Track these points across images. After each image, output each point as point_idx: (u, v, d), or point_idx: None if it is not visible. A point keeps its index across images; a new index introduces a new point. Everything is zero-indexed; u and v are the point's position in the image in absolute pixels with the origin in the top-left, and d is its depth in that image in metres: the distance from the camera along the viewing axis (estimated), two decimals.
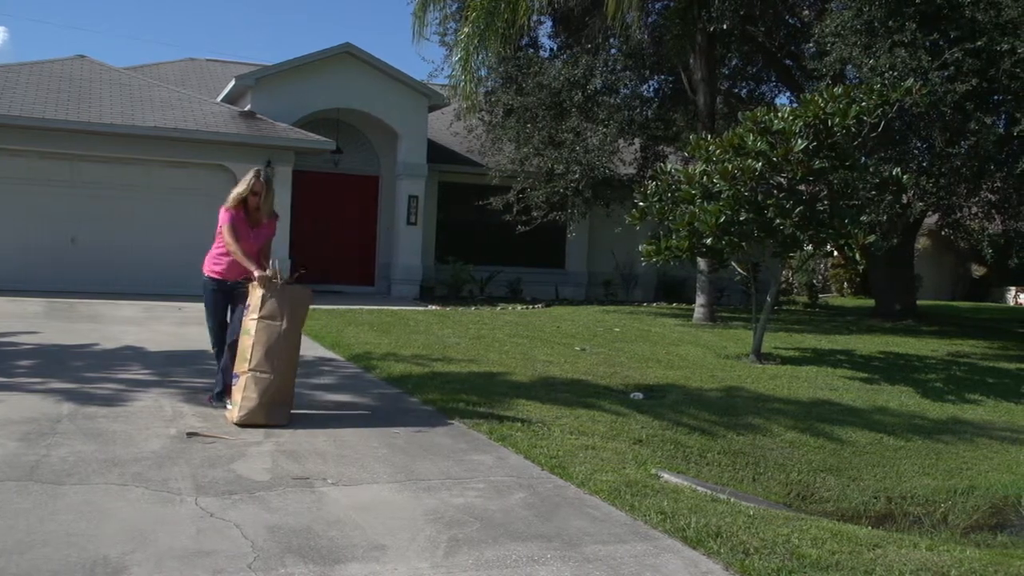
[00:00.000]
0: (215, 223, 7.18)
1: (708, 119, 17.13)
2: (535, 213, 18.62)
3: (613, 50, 18.69)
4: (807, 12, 18.17)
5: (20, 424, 6.35)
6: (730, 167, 11.41)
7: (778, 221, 11.37)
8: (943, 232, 21.58)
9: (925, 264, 28.72)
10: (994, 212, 18.24)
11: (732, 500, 5.91)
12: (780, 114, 11.71)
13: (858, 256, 11.43)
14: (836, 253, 13.15)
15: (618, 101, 18.49)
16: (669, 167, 13.26)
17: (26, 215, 16.33)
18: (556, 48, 20.45)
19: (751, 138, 11.50)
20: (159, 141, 16.77)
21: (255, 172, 7.23)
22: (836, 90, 11.56)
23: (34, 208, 16.38)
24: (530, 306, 18.93)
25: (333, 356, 10.58)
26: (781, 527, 5.15)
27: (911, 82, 12.01)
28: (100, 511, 4.67)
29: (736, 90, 21.31)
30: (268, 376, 6.70)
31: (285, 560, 4.15)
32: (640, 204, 12.84)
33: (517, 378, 9.77)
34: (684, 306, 20.24)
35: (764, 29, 19.12)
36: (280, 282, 6.90)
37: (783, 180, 11.59)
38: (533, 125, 18.33)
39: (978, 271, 31.65)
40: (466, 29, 15.45)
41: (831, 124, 11.38)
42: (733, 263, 13.37)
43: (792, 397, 10.47)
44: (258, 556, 4.17)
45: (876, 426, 9.65)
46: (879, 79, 12.95)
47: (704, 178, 11.88)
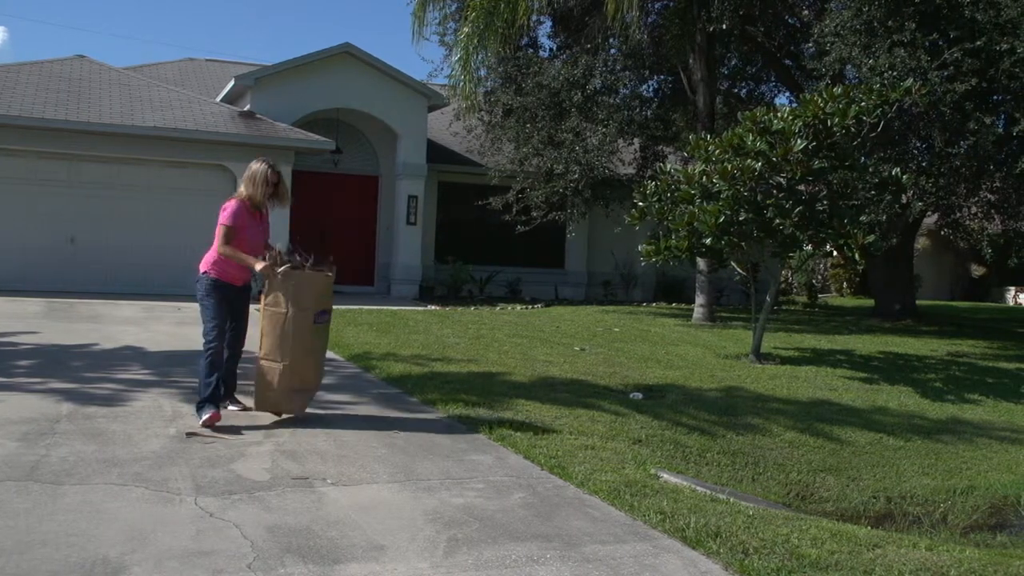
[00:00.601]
0: (215, 223, 6.89)
1: (707, 119, 17.13)
2: (534, 213, 18.62)
3: (612, 50, 18.69)
4: (806, 12, 18.17)
5: (19, 424, 6.35)
6: (729, 167, 11.41)
7: (777, 221, 11.37)
8: (942, 232, 21.60)
9: (924, 264, 28.74)
10: (993, 212, 18.26)
11: (731, 500, 5.91)
12: (779, 114, 11.71)
13: (857, 256, 11.43)
14: (835, 253, 13.12)
15: (617, 101, 18.49)
16: (668, 167, 13.26)
17: (25, 215, 16.33)
18: (556, 48, 20.46)
19: (750, 138, 11.50)
20: (158, 141, 16.77)
21: (263, 162, 6.94)
22: (835, 90, 11.56)
23: (33, 208, 16.37)
24: (529, 306, 18.94)
25: (332, 356, 10.55)
26: (780, 527, 5.15)
27: (910, 82, 12.02)
28: (99, 511, 4.67)
29: (736, 90, 21.32)
30: (279, 364, 6.67)
31: (284, 560, 4.15)
32: (639, 204, 12.83)
33: (516, 378, 9.77)
34: (683, 306, 20.24)
35: (763, 29, 19.13)
36: (284, 268, 6.66)
37: (782, 180, 11.59)
38: (533, 125, 18.33)
39: (977, 271, 31.66)
40: (465, 29, 15.47)
41: (830, 124, 11.38)
42: (732, 263, 13.37)
43: (791, 397, 10.47)
44: (258, 556, 4.17)
45: (875, 426, 9.65)
46: (878, 79, 12.96)
47: (703, 178, 11.88)
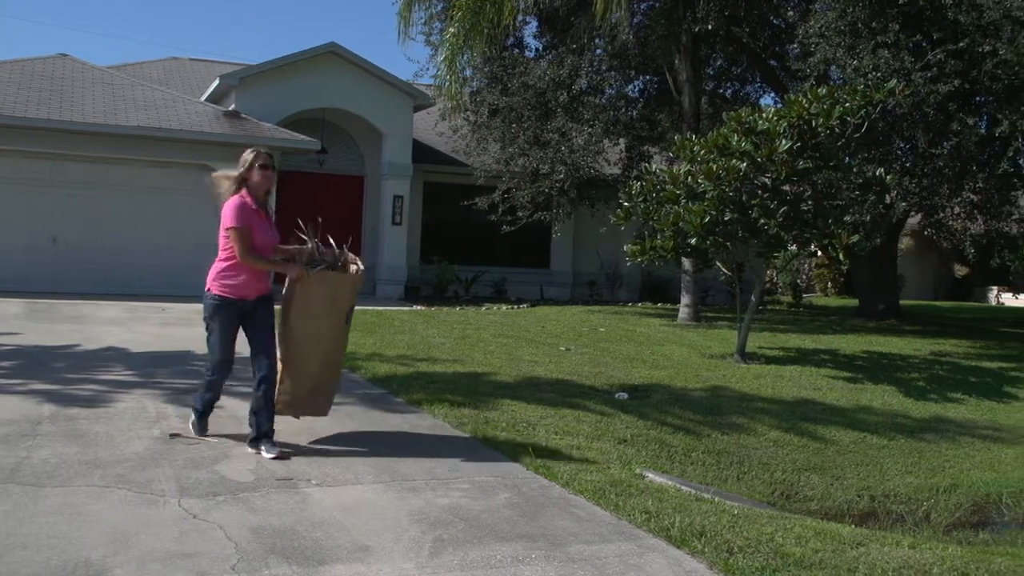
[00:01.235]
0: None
1: (693, 119, 17.17)
2: (520, 213, 18.62)
3: (598, 50, 18.72)
4: (791, 13, 18.24)
5: (0, 426, 6.31)
6: (715, 167, 11.44)
7: (762, 221, 11.40)
8: (926, 232, 21.71)
9: (908, 264, 28.90)
10: (976, 212, 18.36)
11: (716, 499, 5.92)
12: (764, 115, 11.76)
13: (842, 256, 11.48)
14: (820, 253, 13.17)
15: (603, 101, 18.52)
16: (654, 167, 13.28)
17: (7, 215, 16.20)
18: (541, 48, 20.48)
19: (736, 138, 11.53)
20: (142, 141, 16.68)
21: (254, 150, 6.09)
22: (820, 91, 11.61)
23: (15, 208, 16.25)
24: (515, 306, 18.93)
25: None
26: (765, 526, 5.16)
27: (894, 83, 12.08)
28: (82, 513, 4.64)
29: (721, 90, 21.38)
30: (304, 369, 6.25)
31: (269, 561, 4.13)
32: (625, 204, 12.85)
33: (502, 378, 9.76)
34: (669, 306, 20.28)
35: (749, 30, 19.19)
36: (319, 270, 6.12)
37: (767, 180, 11.63)
38: (518, 125, 18.34)
39: (960, 271, 31.86)
40: (451, 29, 15.46)
41: (815, 124, 11.42)
42: (718, 263, 13.40)
43: (776, 396, 10.50)
44: (242, 558, 4.15)
45: (859, 425, 9.69)
46: (863, 80, 13.02)
47: (689, 178, 11.90)
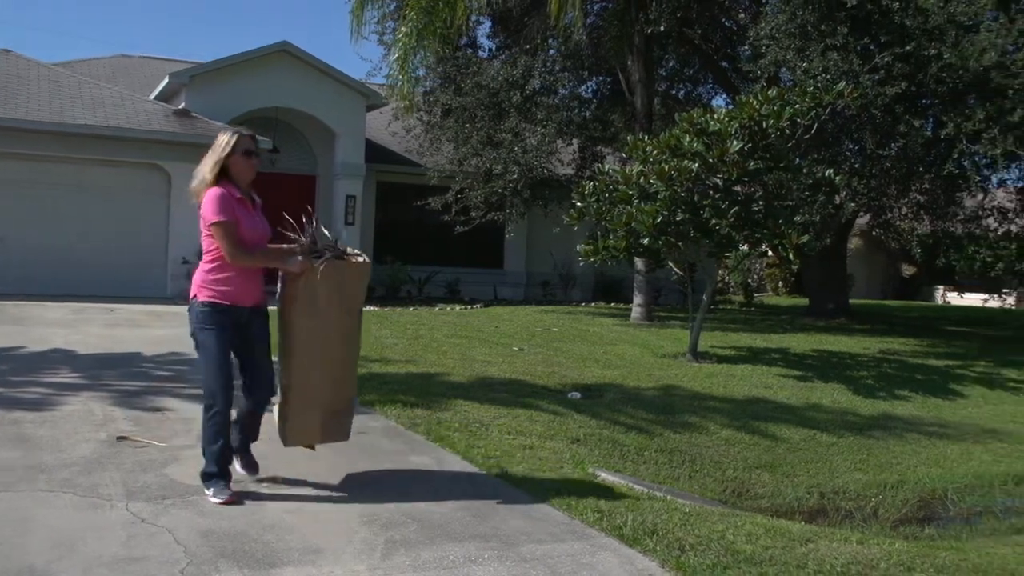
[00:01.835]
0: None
1: (646, 120, 17.26)
2: (473, 213, 18.60)
3: (552, 51, 18.75)
4: (743, 15, 18.42)
5: None
6: (667, 168, 11.51)
7: (714, 221, 11.50)
8: (874, 232, 22.05)
9: (857, 263, 29.29)
10: (923, 213, 18.67)
11: (668, 498, 5.96)
12: (716, 115, 11.85)
13: (792, 256, 11.61)
14: (771, 253, 13.33)
15: (556, 102, 18.57)
16: (607, 167, 13.34)
17: None
18: (495, 48, 20.47)
19: (687, 139, 11.62)
20: (90, 139, 16.40)
21: (233, 130, 5.14)
22: (771, 92, 11.74)
23: None
24: (469, 306, 18.92)
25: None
26: (716, 523, 5.20)
27: (843, 85, 12.25)
28: (25, 519, 4.55)
29: (673, 91, 21.53)
30: (316, 382, 5.26)
31: (219, 565, 4.08)
32: (578, 204, 12.89)
33: (455, 378, 9.75)
34: (622, 306, 20.37)
35: (701, 32, 19.35)
36: (325, 260, 5.14)
37: (719, 181, 11.72)
38: (472, 125, 18.32)
39: (908, 270, 32.38)
40: (404, 28, 15.39)
41: (766, 126, 11.54)
42: (670, 263, 13.49)
43: (728, 395, 10.60)
44: (191, 562, 4.10)
45: (810, 423, 9.81)
46: (812, 82, 13.16)
47: (641, 178, 11.97)
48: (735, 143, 11.31)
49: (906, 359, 14.34)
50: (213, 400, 4.97)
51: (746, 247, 12.03)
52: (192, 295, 5.05)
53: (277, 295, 5.24)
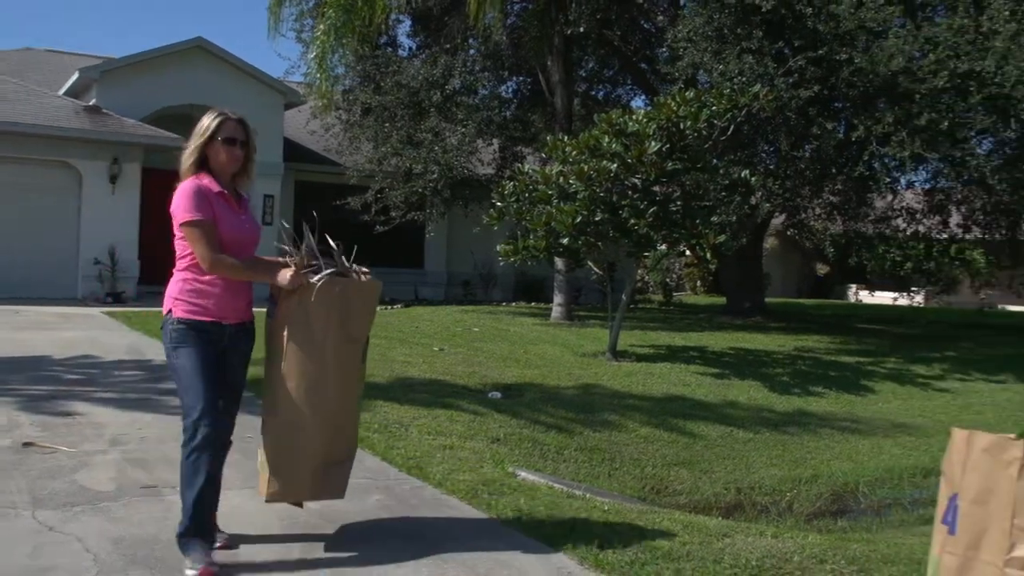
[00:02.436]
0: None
1: (565, 120, 17.35)
2: (393, 213, 18.49)
3: (472, 51, 18.74)
4: (661, 18, 18.64)
5: None
6: (586, 168, 11.58)
7: (632, 221, 11.60)
8: (789, 232, 22.52)
9: (773, 263, 29.86)
10: (835, 213, 19.11)
11: (588, 496, 5.98)
12: (634, 117, 11.95)
13: (709, 255, 11.77)
14: (689, 252, 13.49)
15: (477, 101, 18.55)
16: (527, 168, 13.37)
17: None
18: (415, 47, 20.39)
19: (606, 140, 11.70)
20: None
21: (218, 112, 4.22)
22: (688, 94, 11.88)
23: None
24: (389, 306, 18.78)
25: None
26: (635, 521, 5.24)
27: (758, 88, 12.47)
28: None
29: (593, 92, 21.68)
30: (308, 424, 4.30)
31: (130, 573, 3.97)
32: (498, 204, 12.90)
33: (375, 379, 9.65)
34: (542, 305, 20.45)
35: (620, 33, 19.51)
36: (323, 276, 4.23)
37: (637, 181, 11.83)
38: (391, 124, 18.21)
39: (822, 269, 33.15)
40: (322, 26, 15.24)
41: (683, 127, 11.68)
42: (589, 263, 13.57)
43: (647, 393, 10.70)
44: (101, 570, 3.98)
45: (726, 420, 9.95)
46: (728, 84, 13.37)
47: (561, 179, 12.02)
48: (653, 144, 11.42)
49: (820, 356, 14.65)
50: (194, 430, 3.99)
51: (664, 247, 12.15)
52: (166, 309, 4.17)
53: (267, 312, 4.40)
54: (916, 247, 21.42)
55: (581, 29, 16.45)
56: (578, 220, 11.55)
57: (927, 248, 21.18)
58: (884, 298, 29.95)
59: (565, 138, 12.81)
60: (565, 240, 11.82)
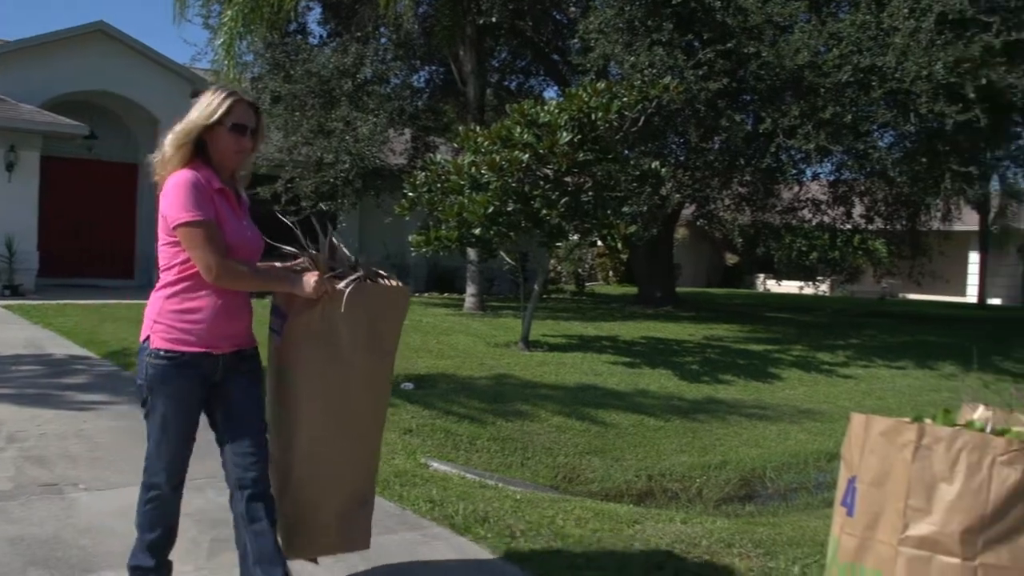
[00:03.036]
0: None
1: (478, 111, 17.33)
2: (304, 203, 18.21)
3: (383, 39, 18.58)
4: (573, 9, 18.72)
5: None
6: (498, 158, 11.57)
7: (544, 212, 11.64)
8: (699, 223, 22.83)
9: (684, 253, 30.33)
10: (744, 204, 19.47)
11: (500, 485, 6.00)
12: (546, 107, 11.98)
13: (620, 245, 11.93)
14: (600, 243, 13.61)
15: (388, 91, 18.40)
16: (439, 158, 13.31)
17: None
18: (326, 35, 20.16)
19: (518, 130, 11.71)
20: None
21: (223, 89, 3.44)
22: (599, 85, 11.95)
23: None
24: None
25: (87, 354, 9.96)
26: (547, 509, 5.27)
27: (668, 80, 12.60)
28: None
29: (506, 83, 21.71)
30: (332, 463, 3.62)
31: (29, 573, 3.85)
32: (409, 194, 12.82)
33: None
34: (456, 296, 20.42)
35: (532, 24, 19.55)
36: (349, 281, 3.48)
37: (549, 172, 11.86)
38: (302, 113, 17.94)
39: (731, 259, 33.79)
40: (229, 12, 14.97)
41: (594, 118, 11.74)
42: (502, 253, 13.58)
43: (559, 383, 10.76)
44: None
45: (638, 408, 10.06)
46: (639, 76, 13.49)
47: (472, 169, 11.99)
48: (565, 135, 11.46)
49: (729, 345, 14.91)
50: (153, 483, 3.40)
51: (576, 237, 12.24)
52: (143, 335, 3.32)
53: (271, 329, 3.63)
54: (821, 237, 21.95)
55: (493, 19, 16.44)
56: (490, 210, 11.54)
57: (832, 238, 21.72)
58: (791, 287, 30.66)
59: (477, 128, 12.78)
60: (477, 231, 11.81)
